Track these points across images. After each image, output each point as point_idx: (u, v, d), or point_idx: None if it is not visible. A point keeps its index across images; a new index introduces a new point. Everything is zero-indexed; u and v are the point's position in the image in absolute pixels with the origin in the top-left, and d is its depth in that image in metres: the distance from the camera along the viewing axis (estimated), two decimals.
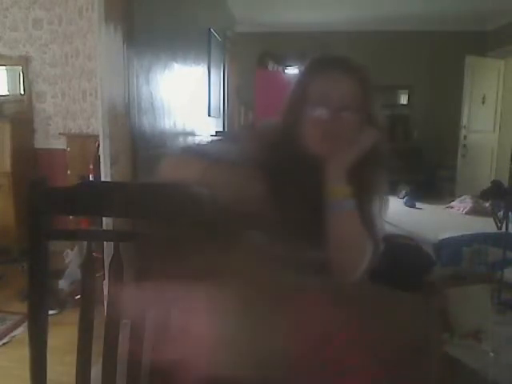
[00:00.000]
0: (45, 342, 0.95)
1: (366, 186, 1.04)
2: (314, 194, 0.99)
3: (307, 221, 0.97)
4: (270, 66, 6.40)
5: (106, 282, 1.01)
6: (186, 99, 3.64)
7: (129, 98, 2.41)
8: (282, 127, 1.07)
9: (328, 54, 1.09)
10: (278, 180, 0.97)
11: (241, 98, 6.34)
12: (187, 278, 0.61)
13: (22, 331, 2.44)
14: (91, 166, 3.05)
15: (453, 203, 5.79)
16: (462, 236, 3.20)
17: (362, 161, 1.01)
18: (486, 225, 4.36)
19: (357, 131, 1.01)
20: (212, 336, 0.60)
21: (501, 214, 4.21)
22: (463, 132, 6.34)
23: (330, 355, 0.62)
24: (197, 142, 3.14)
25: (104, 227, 2.25)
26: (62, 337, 1.53)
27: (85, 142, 3.53)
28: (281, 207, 0.93)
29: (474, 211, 5.39)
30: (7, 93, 4.09)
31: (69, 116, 3.93)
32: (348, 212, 0.98)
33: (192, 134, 3.86)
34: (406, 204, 5.99)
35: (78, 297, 1.05)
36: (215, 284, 0.60)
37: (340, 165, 0.99)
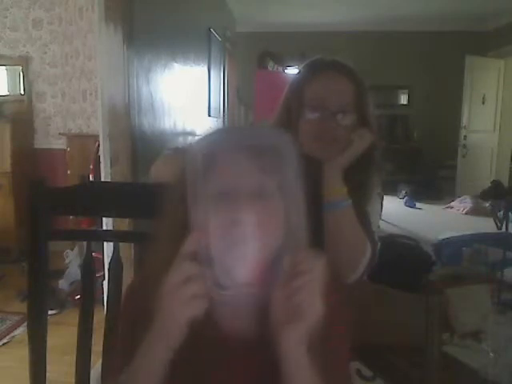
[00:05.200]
0: (45, 342, 0.95)
1: (361, 187, 1.05)
2: (309, 195, 1.00)
3: None
4: (270, 66, 6.40)
5: (105, 282, 1.01)
6: (186, 99, 3.64)
7: (129, 98, 2.40)
8: (276, 128, 1.07)
9: (323, 57, 1.10)
10: None
11: (241, 98, 6.33)
12: None
13: (21, 331, 2.44)
14: (91, 166, 3.04)
15: (453, 203, 5.79)
16: (462, 236, 3.20)
17: (357, 162, 1.02)
18: (486, 225, 4.37)
19: (352, 133, 1.02)
20: None
21: (501, 214, 4.21)
22: (463, 132, 6.34)
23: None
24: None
25: (104, 227, 2.25)
26: (62, 337, 1.53)
27: (85, 142, 3.52)
28: None
29: (474, 211, 5.39)
30: (7, 93, 4.09)
31: (69, 116, 3.93)
32: (345, 212, 0.98)
33: (192, 133, 3.86)
34: (405, 204, 6.00)
35: (78, 297, 1.05)
36: None
37: (337, 166, 1.00)
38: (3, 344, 2.38)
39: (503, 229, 3.40)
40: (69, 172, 3.58)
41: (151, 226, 0.67)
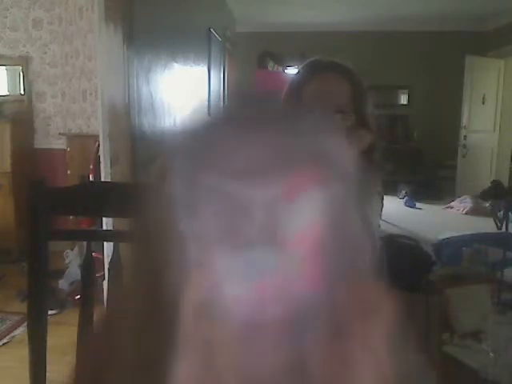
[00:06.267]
0: (45, 342, 0.95)
1: (360, 187, 1.05)
2: None
3: None
4: (270, 66, 6.40)
5: (105, 282, 1.01)
6: (186, 99, 3.64)
7: (129, 98, 2.41)
8: None
9: (322, 58, 1.11)
10: None
11: None
12: None
13: (21, 331, 2.44)
14: (91, 166, 3.05)
15: (453, 203, 5.80)
16: (462, 236, 3.20)
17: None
18: (486, 225, 4.37)
19: (350, 133, 1.02)
20: None
21: (501, 214, 4.22)
22: (463, 132, 6.34)
23: None
24: None
25: (104, 227, 2.26)
26: (62, 337, 1.53)
27: (85, 142, 3.53)
28: None
29: (474, 211, 5.39)
30: (7, 93, 4.09)
31: (69, 116, 3.93)
32: None
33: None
34: (406, 204, 6.00)
35: (78, 297, 1.05)
36: None
37: None
38: (3, 344, 2.38)
39: (503, 229, 3.40)
40: (69, 172, 3.58)
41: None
